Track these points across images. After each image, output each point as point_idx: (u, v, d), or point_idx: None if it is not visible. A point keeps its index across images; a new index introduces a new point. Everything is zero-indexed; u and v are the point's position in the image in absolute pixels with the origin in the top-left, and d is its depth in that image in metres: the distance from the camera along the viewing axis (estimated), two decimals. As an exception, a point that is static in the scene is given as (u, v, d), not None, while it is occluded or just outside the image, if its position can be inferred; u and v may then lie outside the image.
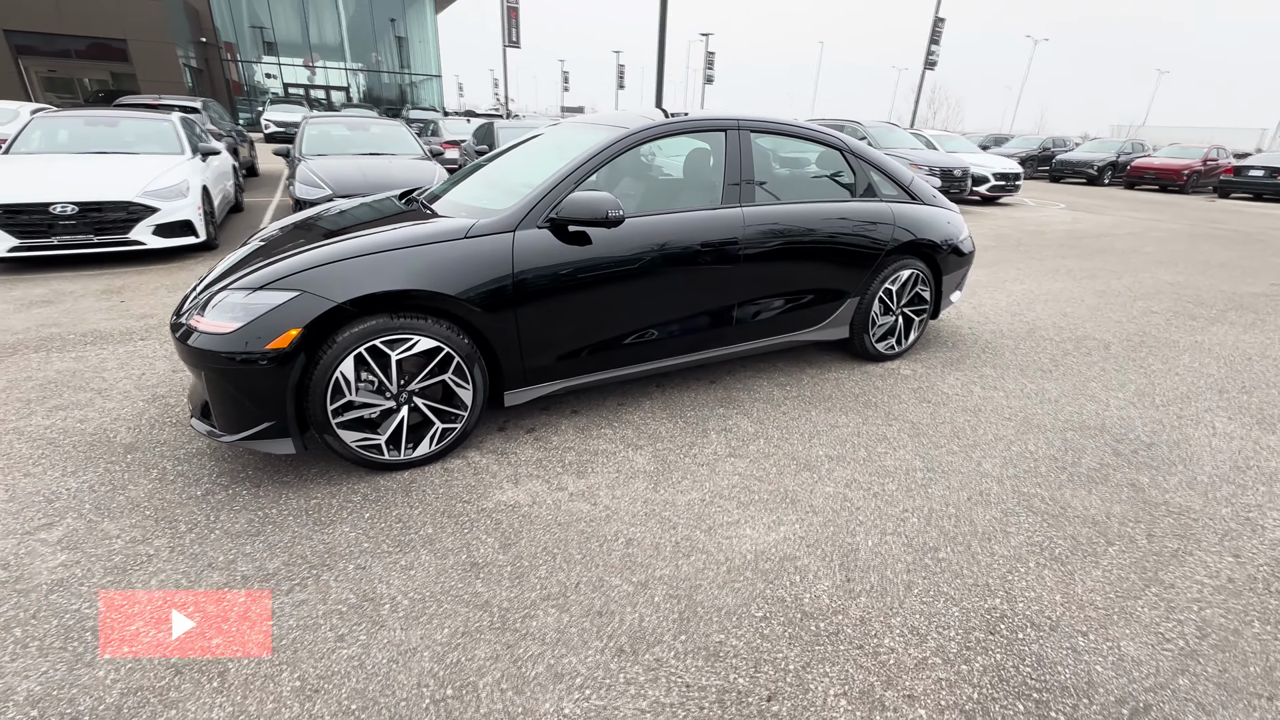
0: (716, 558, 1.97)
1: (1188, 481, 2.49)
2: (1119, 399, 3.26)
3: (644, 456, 2.56)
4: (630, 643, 1.63)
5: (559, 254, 2.43)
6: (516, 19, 30.25)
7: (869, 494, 2.34)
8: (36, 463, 2.38)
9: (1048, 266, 6.61)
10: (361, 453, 2.27)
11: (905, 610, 1.77)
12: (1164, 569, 1.97)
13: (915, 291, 3.56)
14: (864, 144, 3.42)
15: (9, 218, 4.94)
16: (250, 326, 2.03)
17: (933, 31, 30.32)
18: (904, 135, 12.19)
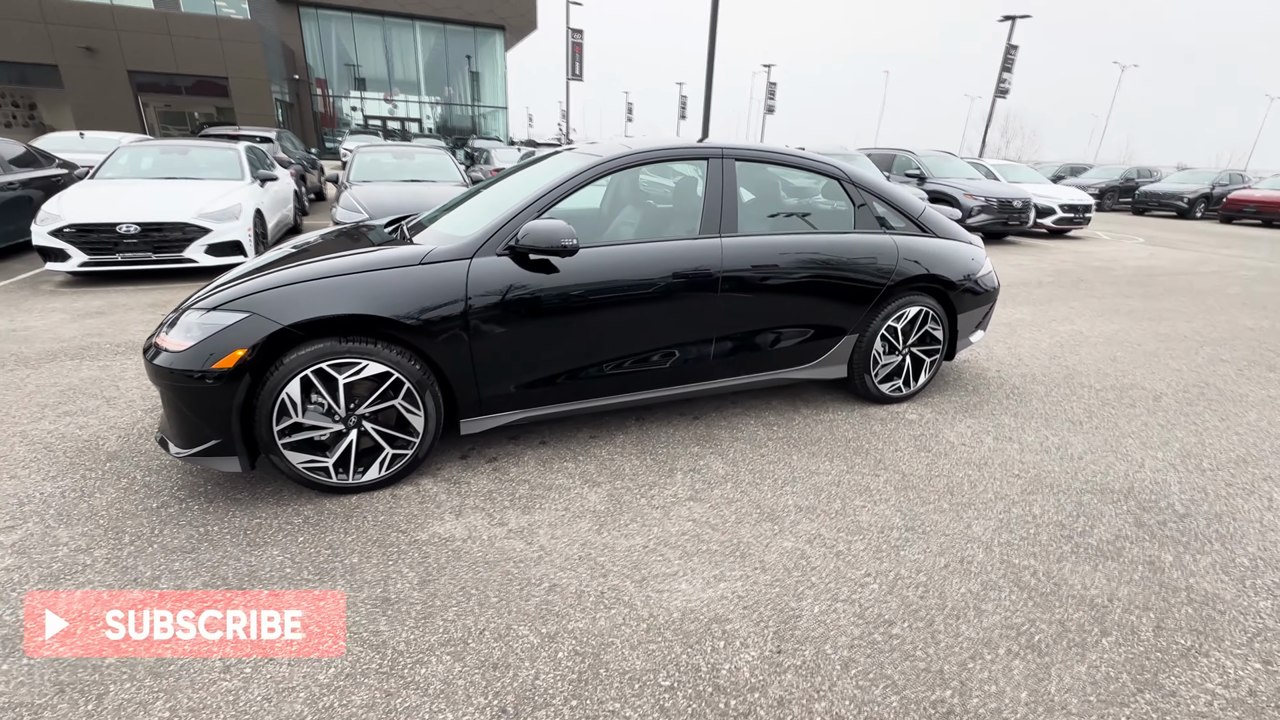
0: (640, 613, 1.82)
1: (1222, 564, 2.13)
2: (1157, 460, 2.87)
3: (599, 495, 2.44)
4: (515, 703, 1.51)
5: (517, 282, 2.39)
6: (580, 53, 31.43)
7: (831, 552, 2.12)
8: (26, 466, 2.52)
9: (1107, 306, 6.06)
10: (308, 474, 2.26)
11: (834, 694, 1.56)
12: (1167, 671, 1.66)
13: (925, 330, 3.30)
14: (868, 173, 3.23)
15: (81, 236, 5.45)
16: (201, 345, 2.08)
17: (1005, 59, 29.27)
18: (960, 165, 11.68)
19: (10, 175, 6.95)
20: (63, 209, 5.50)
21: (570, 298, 2.48)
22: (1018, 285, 6.98)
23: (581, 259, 2.49)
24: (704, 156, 2.80)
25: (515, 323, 2.42)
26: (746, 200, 2.98)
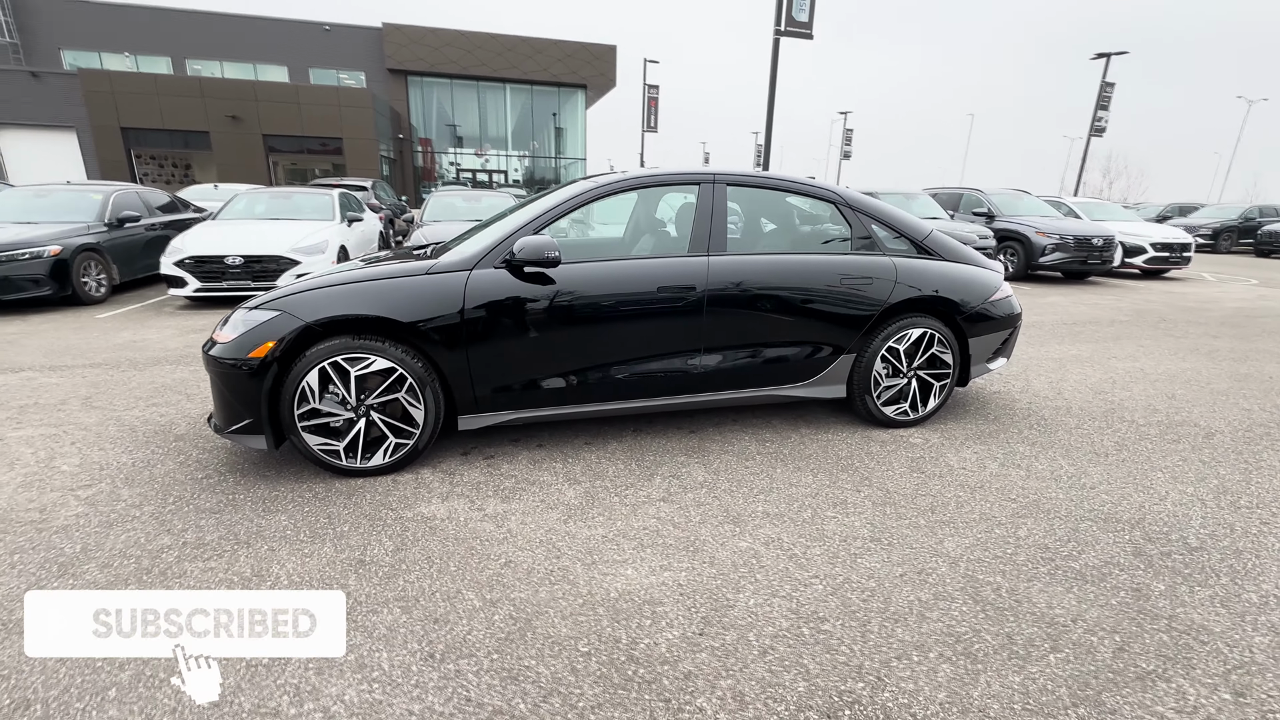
0: (580, 590, 1.93)
1: (1224, 598, 1.94)
2: (1184, 494, 2.64)
3: (576, 491, 2.59)
4: (444, 651, 1.66)
5: (512, 292, 2.65)
6: (656, 107, 33.01)
7: (784, 555, 2.14)
8: (113, 441, 3.02)
9: (1185, 345, 5.55)
10: (322, 455, 2.58)
11: (743, 674, 1.59)
12: (1115, 691, 1.56)
13: (932, 353, 3.25)
14: (867, 197, 3.29)
15: (197, 266, 6.40)
16: (242, 338, 2.47)
17: (1100, 97, 27.84)
18: (1034, 203, 11.16)
19: (156, 219, 8.28)
20: (185, 244, 6.51)
21: (560, 307, 2.71)
22: (1084, 323, 6.54)
23: (573, 272, 2.73)
24: (695, 182, 2.99)
25: (508, 329, 2.67)
26: (741, 222, 3.13)
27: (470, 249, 2.77)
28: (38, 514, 2.33)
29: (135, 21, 27.32)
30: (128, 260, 7.40)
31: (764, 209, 3.32)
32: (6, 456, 2.84)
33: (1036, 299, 8.26)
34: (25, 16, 26.33)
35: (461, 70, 31.44)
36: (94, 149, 21.93)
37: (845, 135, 47.75)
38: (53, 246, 6.33)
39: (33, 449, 2.92)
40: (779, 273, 2.97)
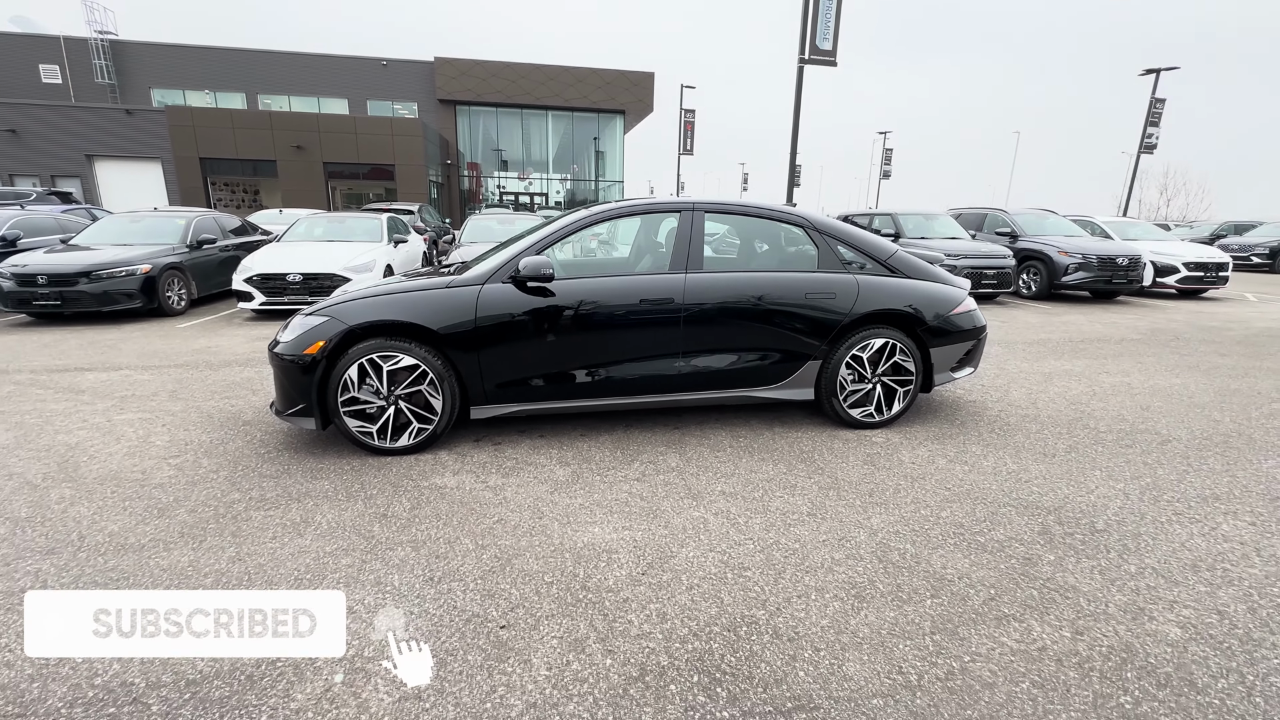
0: (553, 540, 2.39)
1: (1104, 568, 2.24)
2: (1111, 489, 2.91)
3: (565, 471, 3.06)
4: (441, 576, 2.14)
5: (516, 303, 3.17)
6: (692, 131, 33.83)
7: (728, 522, 2.55)
8: (195, 425, 3.67)
9: (1186, 363, 5.64)
10: (359, 436, 3.13)
11: (668, 601, 2.01)
12: (971, 626, 1.91)
13: (894, 362, 3.59)
14: (835, 221, 3.69)
15: (263, 282, 7.25)
16: (299, 338, 3.07)
17: (1149, 113, 27.07)
18: (1060, 222, 11.16)
19: (229, 240, 9.29)
20: (253, 263, 7.38)
21: (557, 316, 3.21)
22: (1091, 341, 6.65)
23: (569, 286, 3.23)
24: (676, 210, 3.47)
25: (512, 334, 3.19)
26: (718, 244, 3.57)
27: (484, 267, 3.31)
28: (140, 475, 2.95)
29: (215, 61, 29.99)
30: (205, 277, 8.36)
31: (739, 233, 3.76)
32: (114, 433, 3.51)
33: (1053, 317, 8.33)
34: (122, 60, 29.29)
35: (506, 99, 33.03)
36: (176, 178, 24.11)
37: (885, 155, 47.52)
38: (144, 265, 7.29)
39: (133, 429, 3.59)
40: (749, 288, 3.40)
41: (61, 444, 3.34)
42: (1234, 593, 2.10)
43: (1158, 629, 1.90)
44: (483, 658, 1.75)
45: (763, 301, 3.40)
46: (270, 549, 2.30)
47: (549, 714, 1.56)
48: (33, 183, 23.04)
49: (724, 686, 1.65)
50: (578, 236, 3.44)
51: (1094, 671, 1.72)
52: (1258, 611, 2.00)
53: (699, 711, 1.57)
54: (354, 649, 1.78)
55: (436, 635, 1.84)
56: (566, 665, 1.72)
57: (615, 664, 1.73)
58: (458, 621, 1.90)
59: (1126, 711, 1.58)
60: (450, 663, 1.72)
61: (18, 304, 6.85)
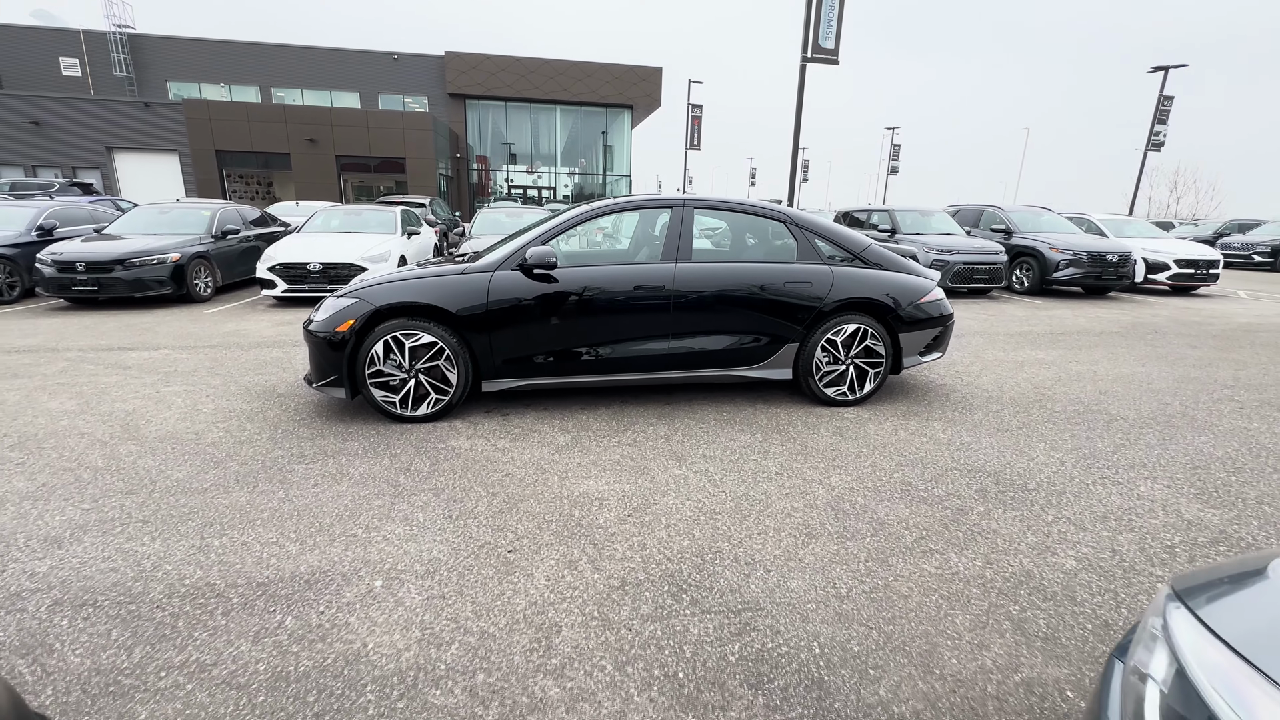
0: (554, 489, 2.78)
1: (1024, 518, 2.61)
2: (1050, 457, 3.26)
3: (566, 438, 3.45)
4: (459, 514, 2.54)
5: (523, 288, 3.56)
6: (699, 125, 34.08)
7: (706, 479, 2.93)
8: (236, 396, 4.09)
9: (1155, 354, 5.96)
10: (384, 405, 3.54)
11: (649, 536, 2.40)
12: (900, 557, 2.28)
13: (866, 345, 3.96)
14: (814, 217, 4.05)
15: (286, 270, 7.68)
16: (331, 317, 3.47)
17: (1157, 110, 27.04)
18: (1054, 219, 11.42)
19: (250, 231, 9.74)
20: (275, 253, 7.81)
21: (559, 300, 3.60)
22: (1071, 333, 6.97)
23: (571, 274, 3.61)
24: (668, 205, 3.84)
25: (519, 316, 3.57)
26: (709, 238, 3.94)
27: (495, 256, 3.70)
28: (194, 435, 3.37)
29: (229, 55, 30.52)
30: (229, 266, 8.81)
31: (727, 228, 4.12)
32: (165, 402, 3.94)
33: (1040, 311, 8.63)
34: (139, 53, 29.85)
35: (515, 93, 33.36)
36: (193, 170, 24.68)
37: (893, 151, 47.49)
38: (174, 254, 7.74)
39: (181, 399, 4.02)
40: (732, 277, 3.77)
41: (120, 410, 3.77)
42: (1131, 537, 2.46)
43: (1057, 561, 2.28)
44: (493, 572, 2.15)
45: (745, 289, 3.77)
46: (314, 493, 2.71)
47: (546, 609, 1.95)
48: (55, 173, 23.67)
49: (688, 594, 2.04)
50: (582, 229, 3.82)
51: (993, 589, 2.09)
52: (1146, 551, 2.36)
53: (666, 610, 1.96)
54: (389, 563, 2.18)
55: (455, 556, 2.24)
56: (561, 578, 2.12)
57: (601, 577, 2.13)
58: (473, 547, 2.30)
59: (1013, 616, 1.96)
60: (467, 575, 2.12)
61: (58, 289, 7.32)
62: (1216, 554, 2.35)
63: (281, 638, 1.80)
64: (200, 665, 1.68)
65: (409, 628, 1.85)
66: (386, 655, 1.73)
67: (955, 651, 1.79)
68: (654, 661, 1.73)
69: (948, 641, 1.83)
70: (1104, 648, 1.81)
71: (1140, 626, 0.92)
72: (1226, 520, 2.61)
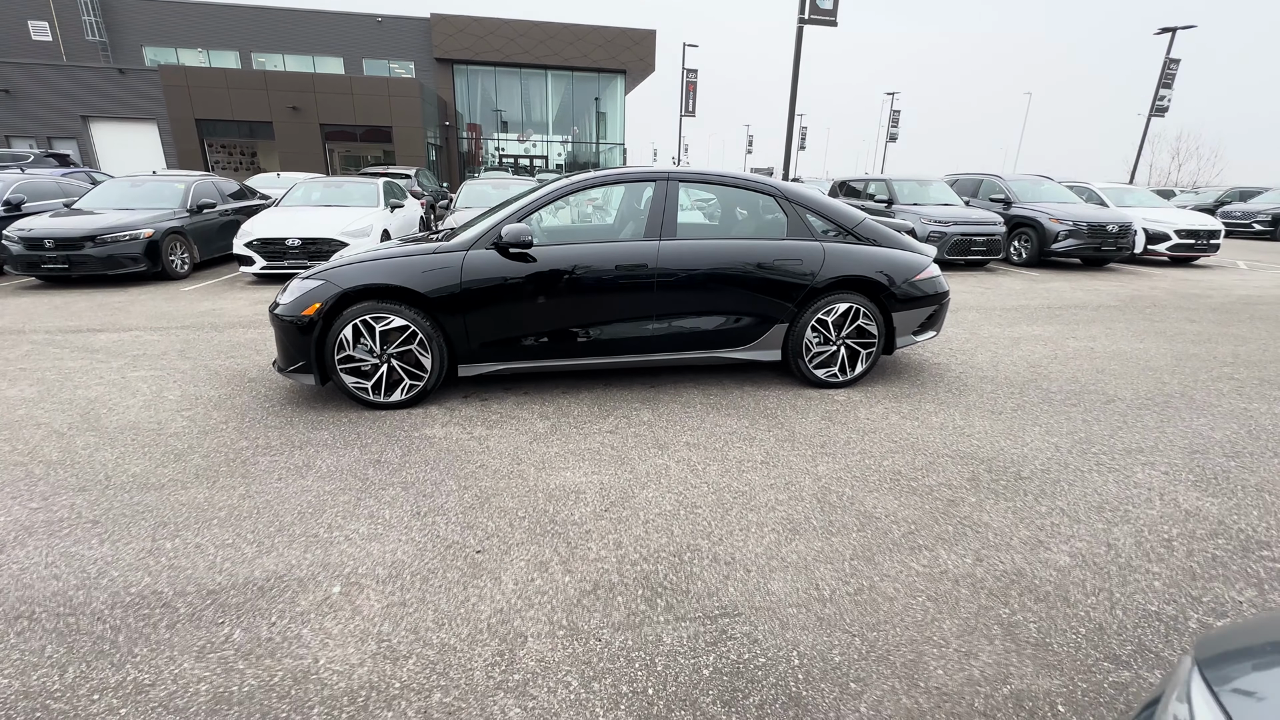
0: (529, 483, 2.67)
1: (1018, 509, 2.51)
2: (1045, 442, 3.16)
3: (545, 424, 3.32)
4: (427, 510, 2.43)
5: (498, 268, 3.38)
6: (694, 91, 33.14)
7: (688, 469, 2.82)
8: (204, 382, 3.94)
9: (1154, 329, 5.84)
10: (356, 392, 3.39)
11: (625, 533, 2.30)
12: (886, 554, 2.19)
13: (858, 325, 3.81)
14: (805, 189, 3.85)
15: (263, 246, 7.43)
16: (297, 300, 3.30)
17: (1163, 74, 26.43)
18: (1054, 189, 11.16)
19: (228, 205, 9.42)
20: (253, 228, 7.55)
21: (537, 281, 3.42)
22: (1068, 307, 6.83)
23: (549, 253, 3.43)
24: (651, 179, 3.64)
25: (495, 298, 3.41)
26: (692, 212, 3.75)
27: (469, 234, 3.51)
28: (156, 425, 3.23)
29: (206, 18, 29.34)
30: (206, 241, 8.54)
31: (713, 201, 3.93)
32: (129, 389, 3.78)
33: (1037, 284, 8.48)
34: (112, 16, 28.66)
35: (505, 58, 32.32)
36: (173, 140, 23.94)
37: (892, 117, 46.48)
38: (146, 230, 7.47)
39: (147, 385, 3.86)
40: (718, 255, 3.60)
41: (82, 398, 3.62)
42: (1128, 529, 2.37)
43: (1050, 557, 2.18)
44: (459, 575, 2.04)
45: (731, 267, 3.60)
46: (277, 488, 2.58)
47: (512, 618, 1.85)
48: (30, 144, 22.93)
49: (663, 598, 1.94)
50: (561, 204, 3.63)
51: (983, 589, 2.00)
52: (1143, 545, 2.27)
53: (639, 616, 1.86)
54: (350, 566, 2.07)
55: (420, 557, 2.13)
56: (530, 581, 2.01)
57: (573, 580, 2.02)
58: (439, 547, 2.19)
59: (1003, 620, 1.87)
60: (431, 579, 2.02)
61: (26, 267, 7.07)
62: (1214, 548, 2.26)
63: (228, 653, 1.69)
64: (137, 686, 1.58)
65: (365, 640, 1.75)
66: (338, 672, 1.63)
67: (941, 661, 1.69)
68: (623, 676, 1.63)
69: (934, 650, 1.74)
70: (1097, 654, 1.73)
71: (1162, 705, 0.80)
72: (1225, 510, 2.52)
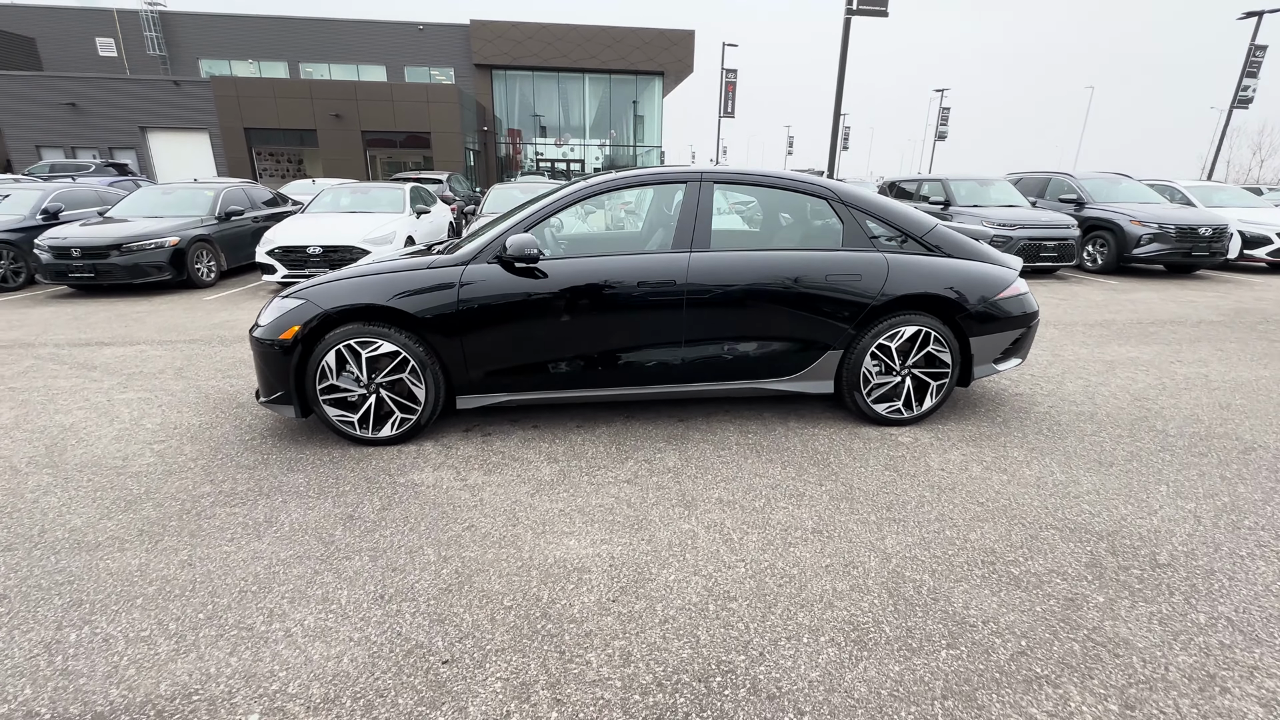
0: (522, 555, 2.17)
1: (1165, 616, 1.87)
2: (1179, 510, 2.48)
3: (552, 469, 2.83)
4: (393, 594, 1.95)
5: (501, 286, 2.91)
6: (734, 92, 32.40)
7: (720, 539, 2.27)
8: (190, 406, 3.60)
9: (1276, 350, 4.96)
10: (340, 426, 2.97)
11: (635, 638, 1.77)
12: (993, 690, 1.59)
13: (928, 352, 3.19)
14: (864, 192, 3.25)
15: (285, 254, 7.22)
16: (275, 322, 2.90)
17: (1247, 61, 24.31)
18: (1135, 188, 10.09)
19: (259, 212, 9.35)
20: (275, 235, 7.35)
21: (546, 300, 2.93)
22: (1164, 323, 5.96)
23: (562, 267, 2.95)
24: (682, 180, 3.10)
25: (498, 319, 2.93)
26: (728, 219, 3.20)
27: (470, 246, 3.05)
28: (120, 461, 2.88)
29: (257, 30, 30.34)
30: (233, 249, 8.43)
31: (754, 205, 3.36)
32: (110, 414, 3.47)
33: (1119, 295, 7.56)
34: (171, 31, 29.95)
35: (543, 62, 32.31)
36: (223, 148, 24.71)
37: (941, 115, 44.53)
38: (172, 238, 7.37)
39: (129, 409, 3.55)
40: (760, 269, 3.04)
41: (57, 425, 3.32)
42: (1334, 658, 1.71)
43: (1232, 705, 1.55)
44: (414, 701, 1.55)
45: (775, 284, 3.04)
46: (224, 553, 2.16)
47: (474, 782, 1.35)
48: (93, 154, 24.05)
49: (682, 758, 1.40)
50: (586, 207, 3.14)
51: (1146, 764, 1.39)
52: (1366, 687, 1.61)
53: (648, 791, 1.33)
54: (279, 682, 1.60)
55: (372, 669, 1.65)
56: (506, 717, 1.51)
57: (560, 718, 1.50)
58: (398, 654, 1.71)
59: (1186, 825, 1.26)
60: (377, 706, 1.53)
61: (56, 276, 7.04)
62: None
63: (83, 830, 1.24)
64: None
65: (269, 814, 1.27)
66: None
67: None
68: None
69: None
70: None
71: None
72: None
